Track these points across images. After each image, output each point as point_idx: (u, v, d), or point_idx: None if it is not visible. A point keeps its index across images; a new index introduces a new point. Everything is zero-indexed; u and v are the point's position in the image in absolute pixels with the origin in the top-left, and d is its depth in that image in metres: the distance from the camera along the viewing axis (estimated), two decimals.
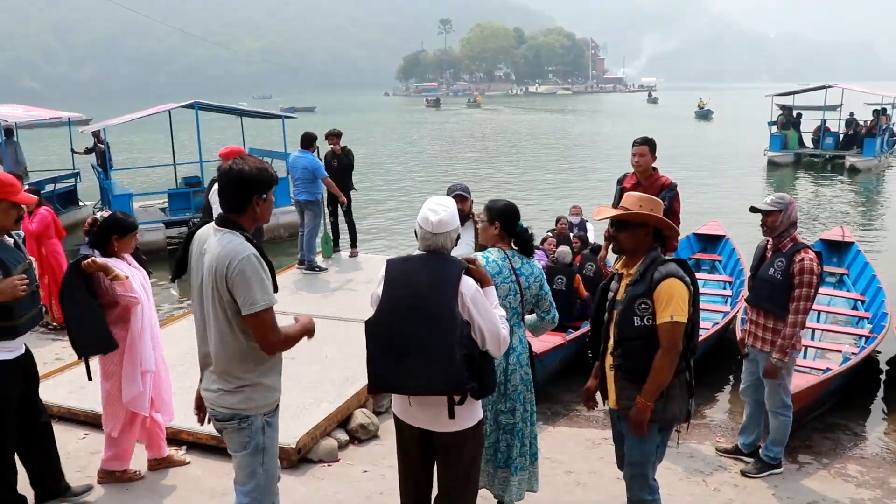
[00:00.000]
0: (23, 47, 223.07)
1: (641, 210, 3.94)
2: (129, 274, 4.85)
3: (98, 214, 5.11)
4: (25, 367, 4.47)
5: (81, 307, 4.71)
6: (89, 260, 4.65)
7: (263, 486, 3.73)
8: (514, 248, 4.43)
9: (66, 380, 6.74)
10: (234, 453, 3.67)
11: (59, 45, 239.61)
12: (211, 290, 3.42)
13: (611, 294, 4.15)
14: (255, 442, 3.62)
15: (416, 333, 3.39)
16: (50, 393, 6.07)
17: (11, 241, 4.35)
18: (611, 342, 4.07)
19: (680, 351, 3.85)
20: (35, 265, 4.50)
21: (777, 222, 5.37)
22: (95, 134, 18.26)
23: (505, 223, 4.37)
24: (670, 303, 3.80)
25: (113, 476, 5.23)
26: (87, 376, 4.97)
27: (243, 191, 3.43)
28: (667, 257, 3.99)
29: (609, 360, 4.10)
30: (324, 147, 11.60)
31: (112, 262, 4.79)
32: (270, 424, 3.67)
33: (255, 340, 3.43)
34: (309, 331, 3.68)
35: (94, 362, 4.99)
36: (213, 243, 3.42)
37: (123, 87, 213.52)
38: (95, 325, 4.73)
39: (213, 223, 3.53)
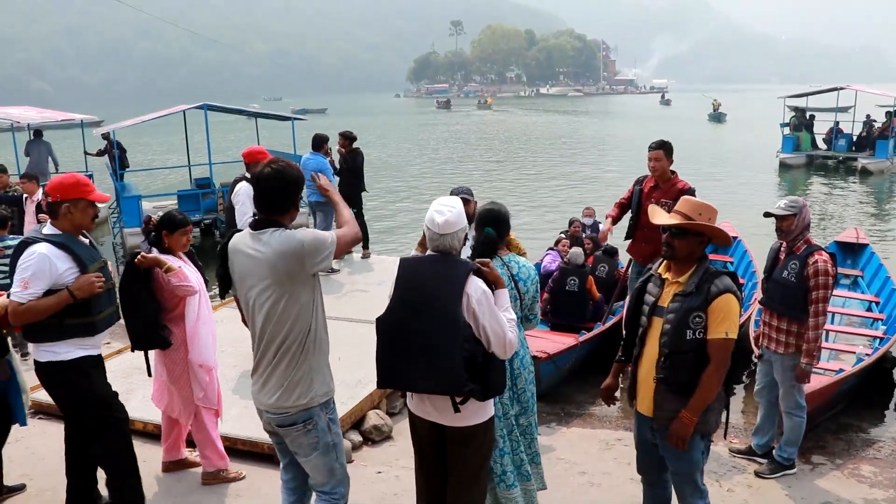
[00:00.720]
0: (33, 50, 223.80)
1: (701, 219, 3.89)
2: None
3: (156, 214, 5.23)
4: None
5: (135, 303, 4.80)
6: (140, 255, 4.72)
7: (344, 480, 3.85)
8: (511, 252, 4.43)
9: None
10: (304, 458, 3.72)
11: (70, 48, 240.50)
12: (272, 284, 3.49)
13: (650, 298, 4.01)
14: (325, 441, 3.70)
15: (420, 333, 3.46)
16: None
17: (87, 240, 4.48)
18: (648, 349, 3.97)
19: (728, 367, 3.82)
20: (109, 265, 4.62)
21: (792, 226, 5.40)
22: (105, 136, 18.40)
23: (477, 227, 4.34)
24: (726, 319, 3.74)
25: (218, 476, 5.28)
26: (147, 372, 5.10)
27: (285, 191, 3.55)
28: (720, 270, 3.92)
29: (646, 368, 3.99)
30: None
31: (165, 258, 4.86)
32: (333, 420, 3.75)
33: (354, 245, 3.84)
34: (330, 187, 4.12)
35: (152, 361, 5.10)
36: (263, 244, 3.48)
37: (133, 90, 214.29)
38: (148, 322, 4.82)
39: (246, 230, 3.61)
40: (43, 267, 4.12)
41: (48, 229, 4.31)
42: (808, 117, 29.89)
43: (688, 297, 3.79)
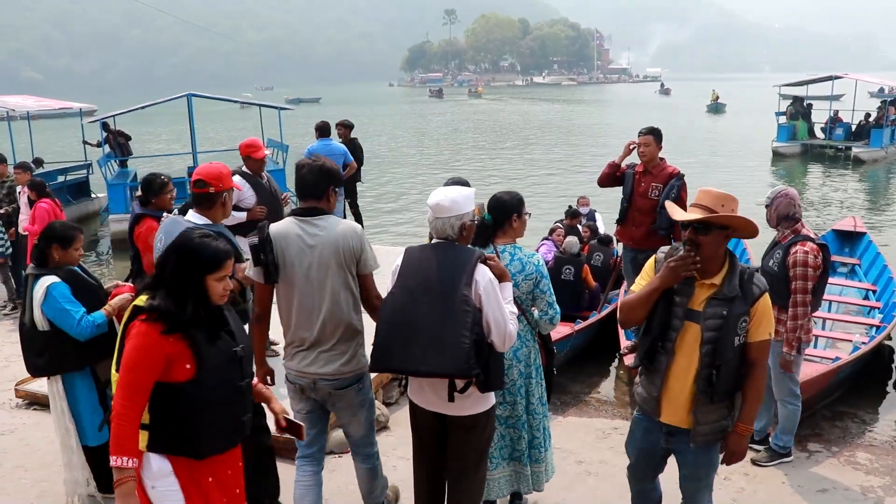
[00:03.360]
0: (25, 38, 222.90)
1: (724, 210, 3.50)
2: None
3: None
4: None
5: None
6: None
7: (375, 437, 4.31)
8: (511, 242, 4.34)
9: None
10: (351, 416, 4.11)
11: (61, 37, 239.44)
12: (333, 267, 3.85)
13: (681, 300, 3.56)
14: (370, 397, 4.17)
15: (427, 316, 3.44)
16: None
17: None
18: (681, 358, 3.57)
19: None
20: None
21: (767, 217, 5.51)
22: (105, 125, 18.36)
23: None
24: (769, 319, 3.52)
25: None
26: None
27: (324, 180, 3.93)
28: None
29: (679, 379, 3.60)
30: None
31: None
32: (370, 382, 4.19)
33: (363, 297, 4.01)
34: None
35: None
36: (320, 229, 3.87)
37: (125, 78, 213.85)
38: None
39: (291, 218, 3.95)
40: None
41: (200, 219, 4.22)
42: (805, 106, 29.51)
43: (731, 301, 3.46)
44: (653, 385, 3.70)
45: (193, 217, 4.24)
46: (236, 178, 7.43)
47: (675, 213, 3.70)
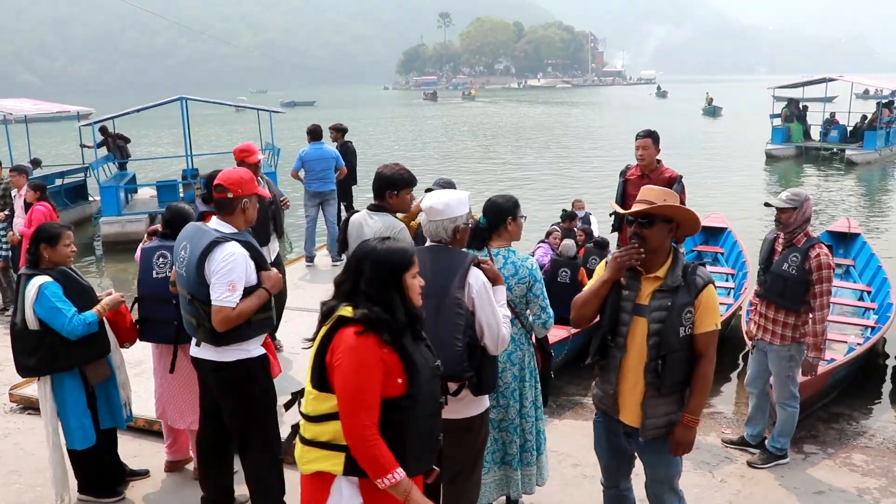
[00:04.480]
0: (20, 41, 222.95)
1: (666, 203, 3.56)
2: None
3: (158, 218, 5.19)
4: None
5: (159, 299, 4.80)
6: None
7: None
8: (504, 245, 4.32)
9: None
10: None
11: (57, 40, 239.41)
12: None
13: (629, 294, 3.64)
14: None
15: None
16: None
17: None
18: (632, 354, 3.62)
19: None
20: None
21: (791, 219, 5.36)
22: (104, 129, 18.34)
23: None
24: (715, 310, 3.55)
25: (180, 464, 5.33)
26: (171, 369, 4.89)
27: (380, 186, 4.76)
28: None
29: (632, 375, 3.63)
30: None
31: None
32: None
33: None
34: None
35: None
36: (373, 222, 4.66)
37: (122, 81, 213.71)
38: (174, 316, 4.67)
39: (364, 210, 4.83)
40: (243, 268, 3.99)
41: (224, 227, 4.12)
42: (800, 108, 29.32)
43: (675, 291, 3.51)
44: (608, 383, 3.74)
45: (217, 224, 4.14)
46: None
47: (620, 208, 4.01)
